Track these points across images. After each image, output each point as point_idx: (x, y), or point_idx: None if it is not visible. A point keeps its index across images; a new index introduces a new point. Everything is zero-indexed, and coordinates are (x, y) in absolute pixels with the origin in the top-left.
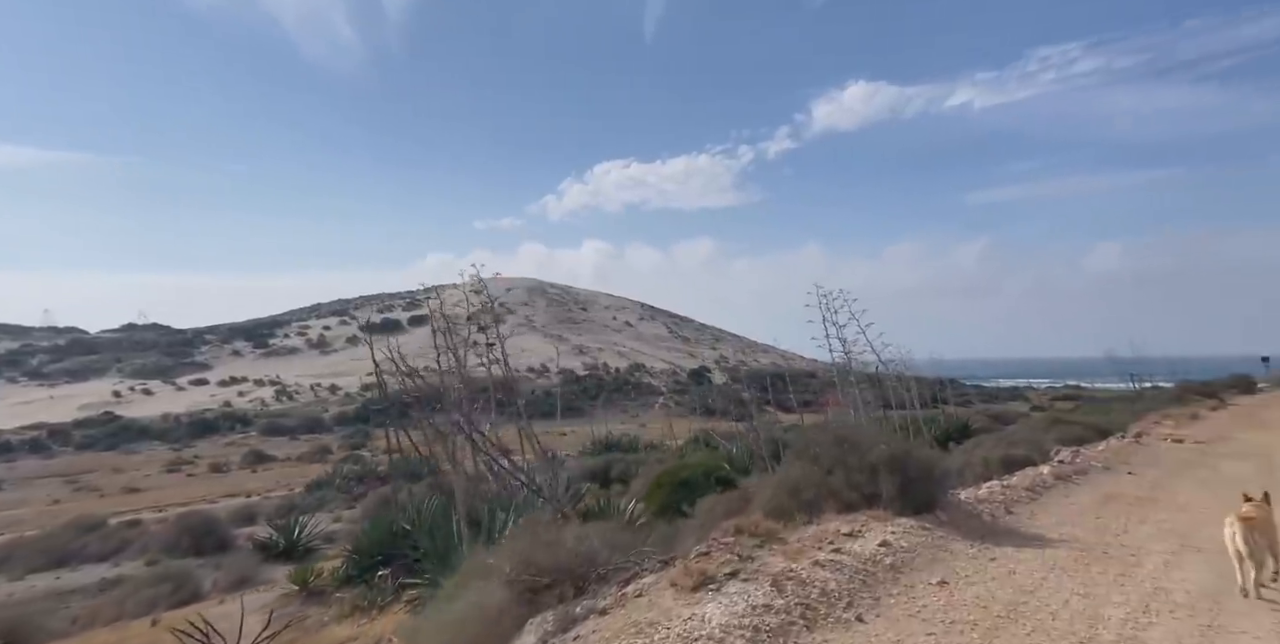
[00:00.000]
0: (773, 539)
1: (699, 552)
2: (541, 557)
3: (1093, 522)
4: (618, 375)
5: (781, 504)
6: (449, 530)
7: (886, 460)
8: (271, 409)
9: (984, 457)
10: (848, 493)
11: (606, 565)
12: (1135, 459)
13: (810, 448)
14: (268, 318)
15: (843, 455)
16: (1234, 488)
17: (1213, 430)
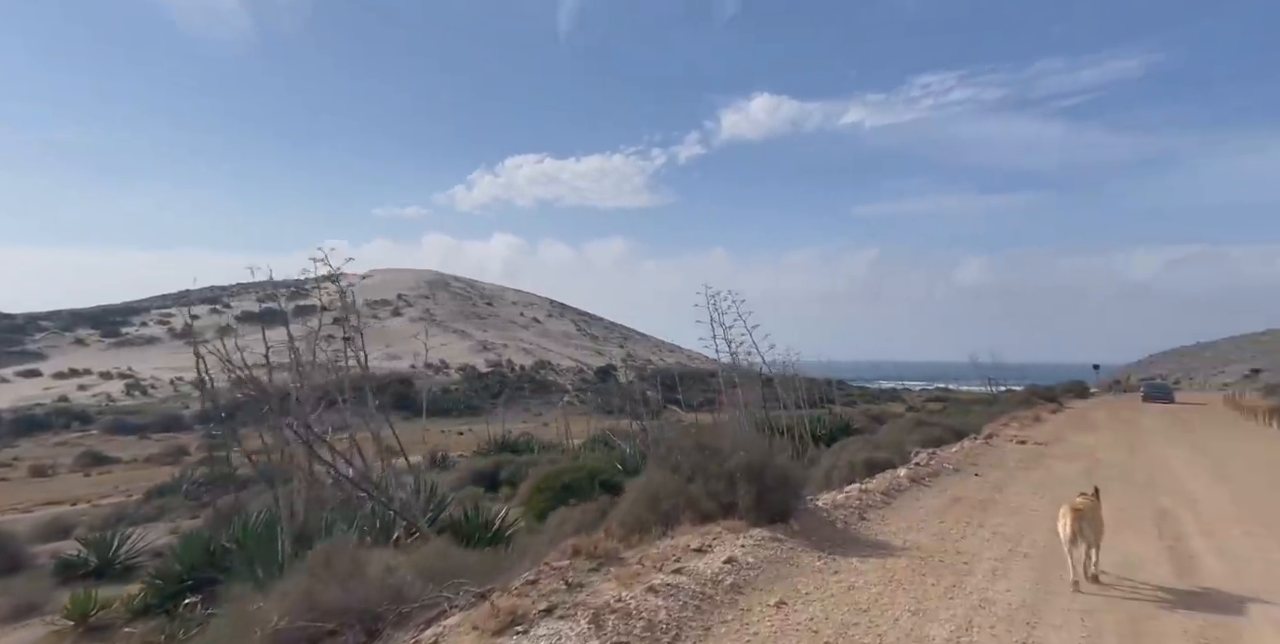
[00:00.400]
0: (612, 560)
1: (525, 580)
2: (329, 595)
3: (936, 526)
4: (522, 373)
5: (639, 516)
6: (273, 550)
7: (744, 468)
8: (119, 405)
9: (850, 460)
10: (706, 503)
11: (414, 602)
12: (983, 460)
13: (672, 455)
14: (121, 304)
15: (703, 463)
16: (1063, 489)
17: (1051, 432)
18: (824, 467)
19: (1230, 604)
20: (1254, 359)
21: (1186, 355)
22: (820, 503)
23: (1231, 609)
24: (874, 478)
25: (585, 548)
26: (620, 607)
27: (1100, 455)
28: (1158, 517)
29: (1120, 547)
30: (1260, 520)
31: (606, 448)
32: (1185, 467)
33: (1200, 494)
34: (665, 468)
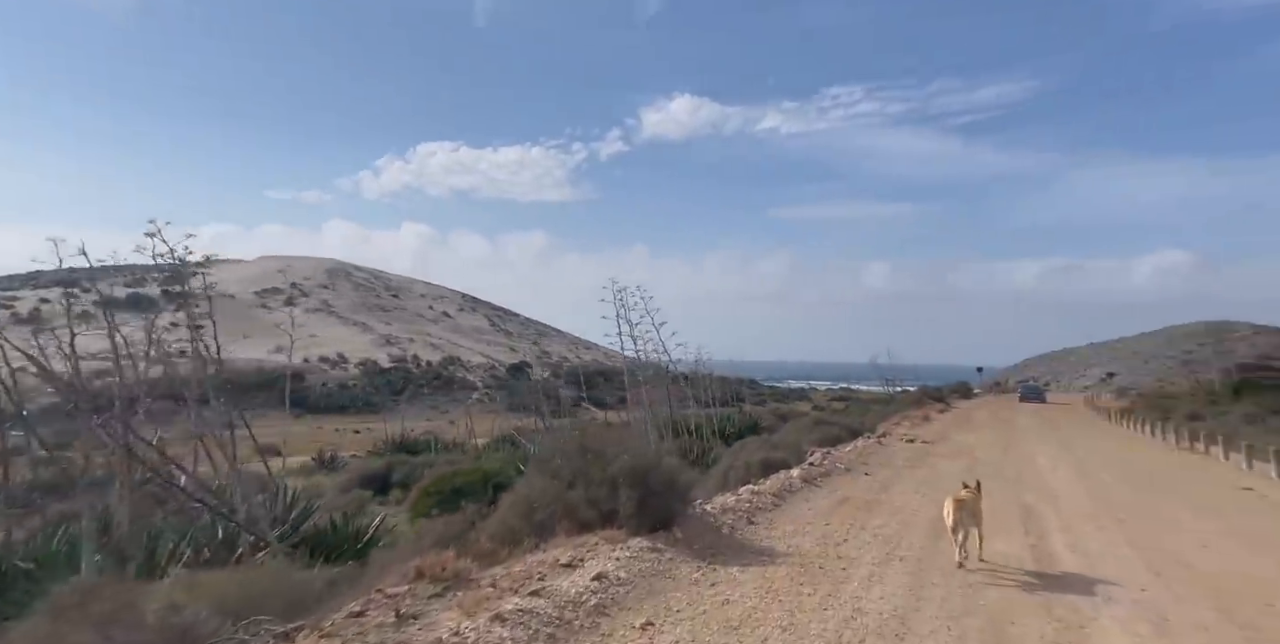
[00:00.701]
0: (461, 582)
1: (350, 612)
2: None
3: (821, 529)
4: (429, 369)
5: (512, 527)
6: (69, 573)
7: (628, 473)
8: None
9: (747, 460)
10: (585, 511)
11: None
12: (874, 459)
13: (553, 459)
14: None
15: (585, 467)
16: (943, 487)
17: (938, 431)
18: (723, 467)
19: (1085, 600)
20: (1109, 364)
21: (1055, 360)
22: (710, 507)
23: (1086, 606)
24: (768, 478)
25: (431, 569)
26: (457, 642)
27: (979, 454)
28: (1024, 514)
29: (989, 546)
30: (1112, 516)
31: (512, 448)
32: (1050, 463)
33: (1062, 491)
34: (545, 473)
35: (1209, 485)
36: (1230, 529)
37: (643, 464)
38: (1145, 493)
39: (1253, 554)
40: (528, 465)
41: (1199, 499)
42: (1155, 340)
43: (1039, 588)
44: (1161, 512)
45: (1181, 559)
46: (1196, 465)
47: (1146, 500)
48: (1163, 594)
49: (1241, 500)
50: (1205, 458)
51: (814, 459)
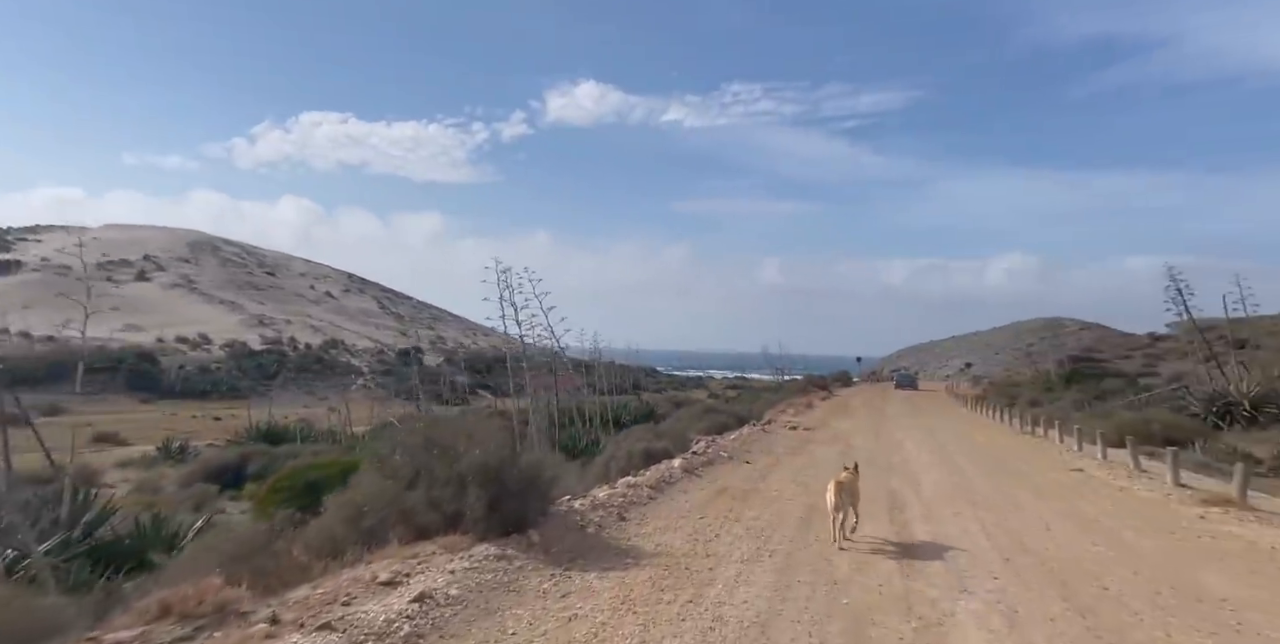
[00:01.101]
0: (223, 620)
1: None
2: None
3: (695, 523)
4: (308, 352)
5: (335, 535)
6: None
7: (479, 470)
8: None
9: (630, 450)
10: (426, 514)
11: None
12: (757, 447)
13: (394, 454)
14: None
15: (430, 464)
16: (820, 475)
17: (819, 418)
18: (605, 457)
19: (944, 594)
20: (967, 354)
21: (922, 351)
22: (580, 503)
23: (945, 599)
24: (650, 469)
25: (183, 602)
26: None
27: (853, 440)
28: (890, 500)
29: (861, 531)
30: (967, 499)
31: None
32: (915, 448)
33: (924, 477)
34: (381, 472)
35: (1047, 468)
36: (1067, 511)
37: (497, 460)
38: (995, 476)
39: (1085, 535)
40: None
41: (1039, 481)
42: (1004, 334)
43: (900, 580)
44: (1009, 494)
45: (1028, 545)
46: (1037, 448)
47: (996, 484)
48: (1013, 583)
49: (1073, 482)
50: (1044, 441)
51: (698, 448)
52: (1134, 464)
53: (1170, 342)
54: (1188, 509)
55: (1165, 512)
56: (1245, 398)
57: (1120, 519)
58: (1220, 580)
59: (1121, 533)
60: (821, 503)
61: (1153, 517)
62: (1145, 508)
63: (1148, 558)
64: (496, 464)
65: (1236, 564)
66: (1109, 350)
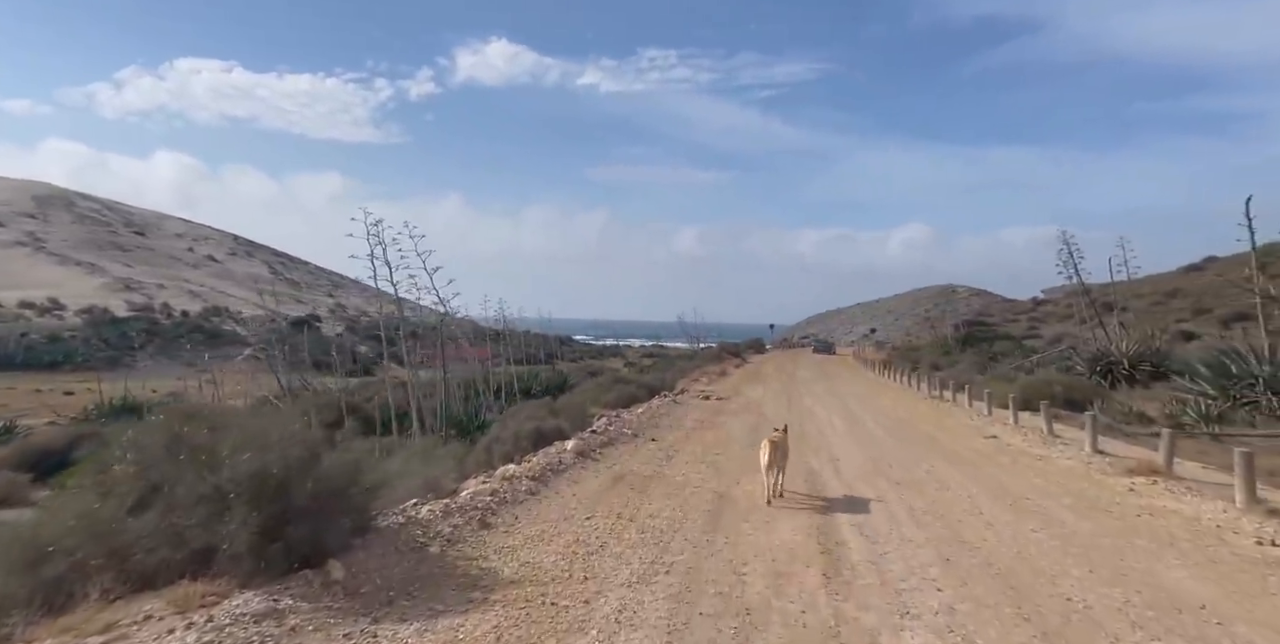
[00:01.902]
0: None
1: None
2: None
3: (578, 528)
4: (185, 320)
5: None
6: None
7: (251, 481)
8: None
9: (517, 430)
10: (160, 550)
11: None
12: (665, 421)
13: (123, 461)
14: None
15: (174, 474)
16: (732, 454)
17: (732, 386)
18: (487, 440)
19: (882, 620)
20: (871, 321)
21: (829, 318)
22: (428, 510)
23: (889, 631)
24: (538, 453)
25: None
26: None
27: (766, 409)
28: (810, 481)
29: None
30: (888, 478)
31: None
32: (827, 415)
33: (840, 451)
34: (93, 489)
35: (961, 435)
36: (995, 488)
37: (281, 465)
38: (912, 446)
39: (1021, 519)
40: None
41: (957, 450)
42: (903, 301)
43: (827, 602)
44: (931, 469)
45: (965, 537)
46: (947, 413)
47: (915, 455)
48: (961, 597)
49: (990, 450)
50: (953, 406)
51: (598, 425)
52: (1047, 429)
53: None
54: (1114, 480)
55: (1093, 484)
56: (1125, 357)
57: (1051, 497)
58: (1186, 578)
59: (1057, 514)
60: (734, 490)
61: (1082, 491)
62: (1071, 480)
63: (1096, 547)
64: (280, 472)
65: (1192, 552)
66: (998, 314)
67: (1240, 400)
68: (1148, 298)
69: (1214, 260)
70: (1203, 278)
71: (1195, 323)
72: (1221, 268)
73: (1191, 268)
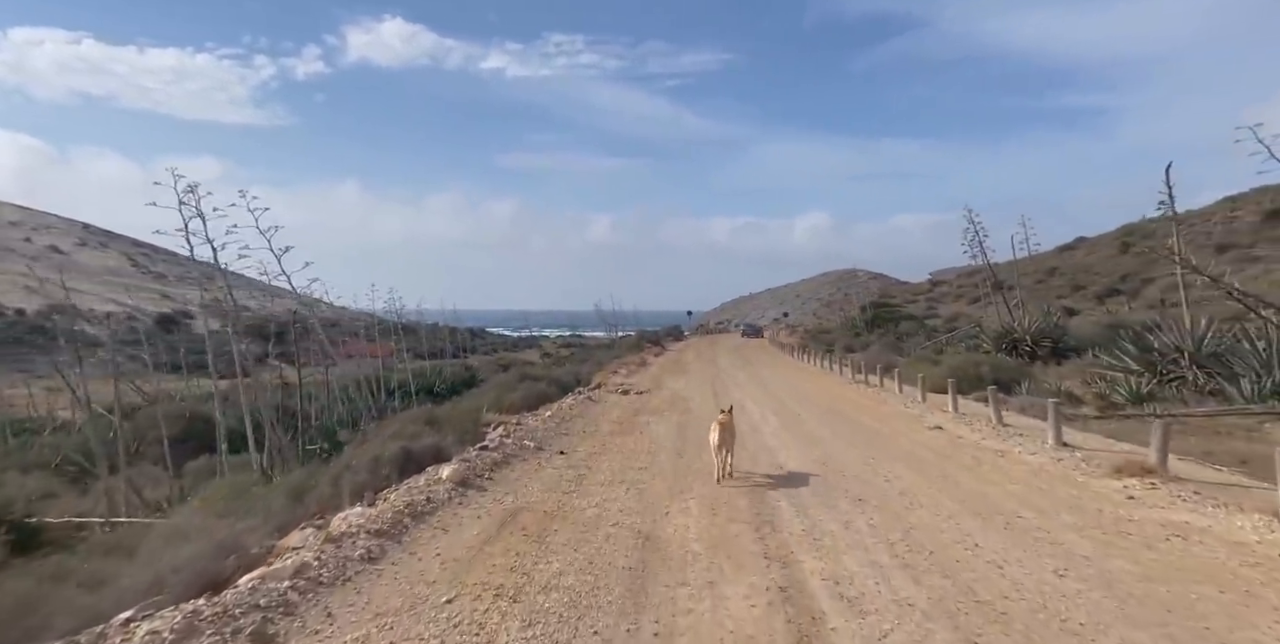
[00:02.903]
0: None
1: None
2: None
3: (431, 619)
4: (19, 319)
5: None
6: None
7: None
8: None
9: (377, 452)
10: None
11: None
12: (577, 425)
13: None
14: None
15: None
16: (659, 465)
17: (653, 377)
18: (335, 470)
19: None
20: (780, 305)
21: (743, 303)
22: (177, 618)
23: None
24: (401, 486)
25: None
26: None
27: (693, 404)
28: (753, 508)
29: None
30: (845, 492)
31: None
32: (759, 410)
33: (782, 455)
34: None
35: (904, 427)
36: (975, 502)
37: None
38: (858, 444)
39: (1031, 553)
40: None
41: (907, 448)
42: (809, 285)
43: None
44: (889, 477)
45: (973, 588)
46: (879, 400)
47: (863, 457)
48: None
49: (943, 446)
50: (882, 392)
51: (493, 437)
52: (996, 418)
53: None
54: (1102, 484)
55: (1081, 491)
56: (1027, 334)
57: (1046, 513)
58: None
59: (1070, 542)
60: (663, 527)
61: (1077, 502)
62: (1053, 485)
63: (1156, 603)
64: None
65: None
66: (899, 295)
67: (1166, 376)
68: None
69: (1084, 240)
70: (1074, 257)
71: (1074, 299)
72: (1090, 247)
73: (1065, 247)
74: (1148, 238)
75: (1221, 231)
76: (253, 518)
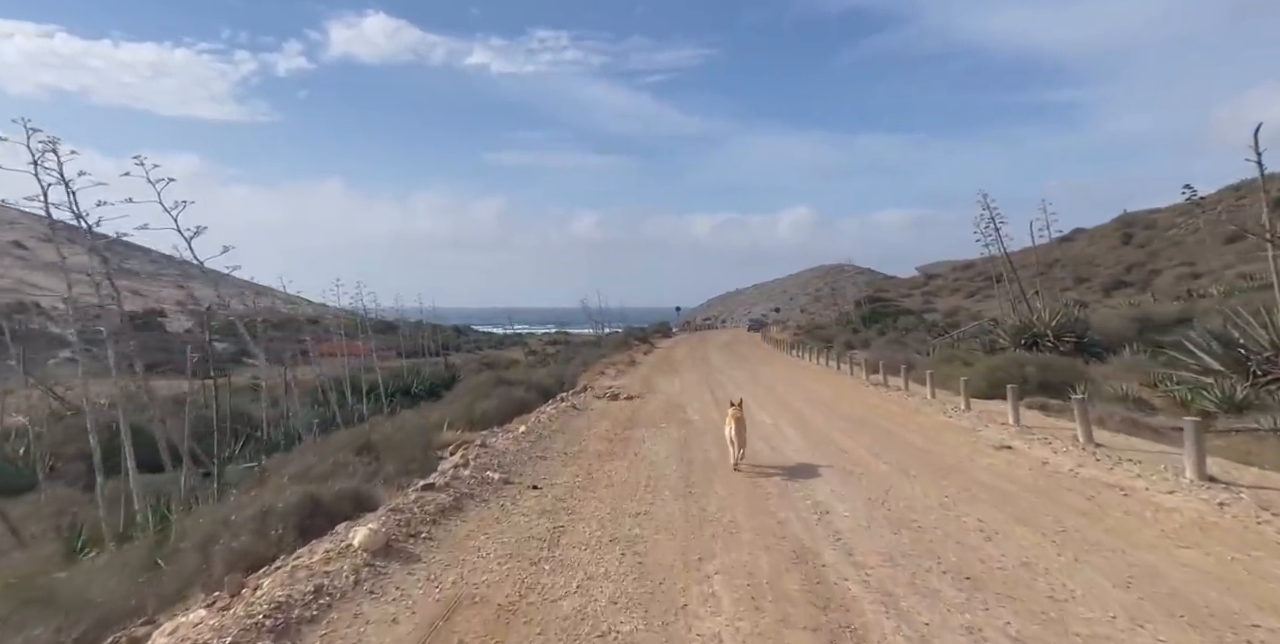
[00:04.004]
0: None
1: None
2: None
3: None
4: None
5: None
6: None
7: None
8: None
9: (267, 506)
10: None
11: None
12: (556, 445)
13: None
14: None
15: None
16: (660, 506)
17: (644, 378)
18: (210, 525)
19: None
20: (768, 301)
21: (729, 299)
22: None
23: None
24: (295, 556)
25: None
26: None
27: (691, 411)
28: (796, 566)
29: None
30: (862, 496)
31: None
32: (771, 420)
33: (817, 487)
34: None
35: (960, 446)
36: (1114, 570)
37: None
38: (919, 477)
39: None
40: None
41: (987, 481)
42: (796, 281)
43: None
44: (992, 534)
45: None
46: (911, 408)
47: (930, 493)
48: None
49: (1027, 475)
50: (907, 395)
51: (445, 468)
52: (1084, 435)
53: (940, 280)
54: None
55: None
56: (1049, 329)
57: None
58: None
59: None
60: (681, 633)
61: None
62: (1253, 556)
63: None
64: None
65: None
66: (893, 290)
67: (1263, 378)
68: (1032, 267)
69: (1082, 231)
70: (1073, 248)
71: (1078, 291)
72: (1090, 238)
73: (1064, 239)
74: (1150, 228)
75: (1228, 220)
76: (48, 620)
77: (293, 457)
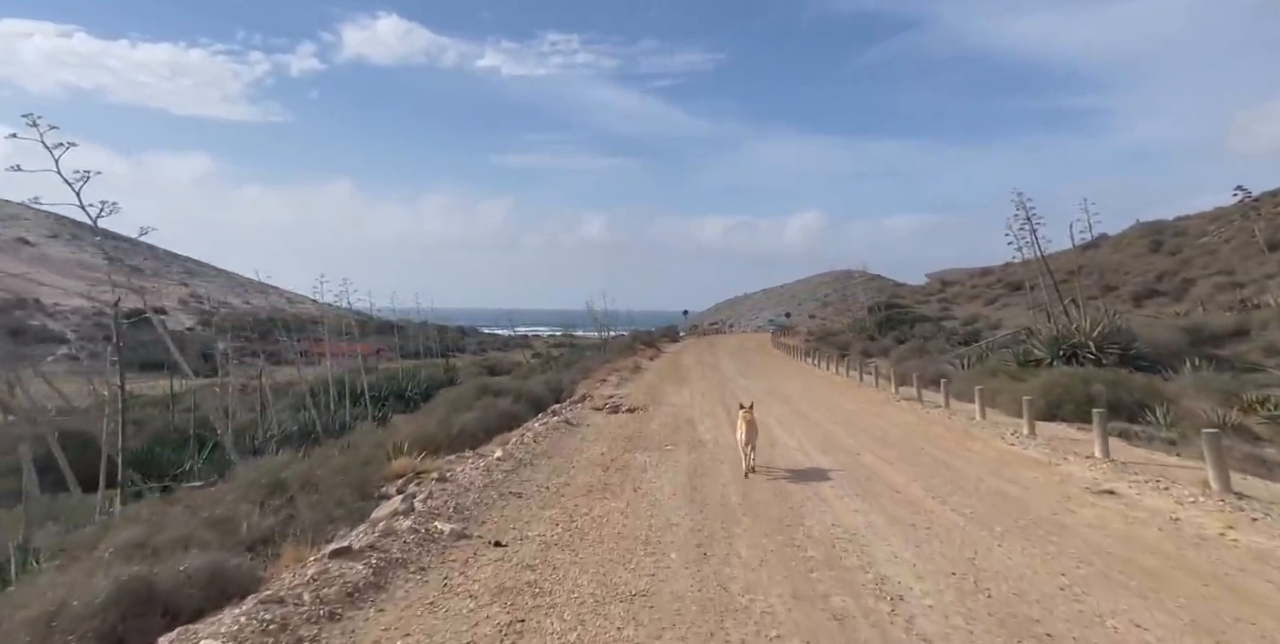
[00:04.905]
0: None
1: None
2: None
3: None
4: None
5: None
6: None
7: None
8: None
9: (59, 603)
10: None
11: None
12: (539, 474)
13: None
14: None
15: None
16: (668, 583)
17: (649, 387)
18: (35, 613)
19: None
20: (776, 305)
21: (738, 303)
22: None
23: None
24: None
25: None
26: None
27: (701, 431)
28: None
29: None
30: (939, 568)
31: None
32: (795, 443)
33: (873, 546)
34: None
35: (1048, 489)
36: None
37: None
38: (1005, 538)
39: None
40: None
41: (1106, 547)
42: (804, 286)
43: None
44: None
45: None
46: (961, 432)
47: (1032, 566)
48: None
49: (1157, 538)
50: (949, 414)
51: (380, 516)
52: (1219, 481)
53: (956, 287)
54: None
55: None
56: (1090, 339)
57: None
58: None
59: None
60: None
61: None
62: None
63: None
64: None
65: None
66: (908, 296)
67: None
68: (1058, 274)
69: (1105, 238)
70: (1098, 255)
71: (1106, 300)
72: (1114, 245)
73: (1087, 246)
74: (1180, 236)
75: (1267, 228)
76: None
77: (188, 495)
